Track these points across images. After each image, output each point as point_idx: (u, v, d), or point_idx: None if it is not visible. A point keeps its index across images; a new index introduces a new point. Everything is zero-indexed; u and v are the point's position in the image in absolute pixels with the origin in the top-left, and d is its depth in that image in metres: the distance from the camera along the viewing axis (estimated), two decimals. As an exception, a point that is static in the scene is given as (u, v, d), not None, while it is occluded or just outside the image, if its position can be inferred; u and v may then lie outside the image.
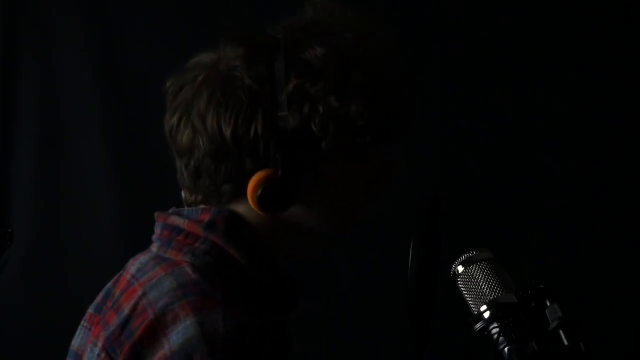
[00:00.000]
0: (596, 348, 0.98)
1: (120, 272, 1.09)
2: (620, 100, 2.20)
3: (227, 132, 0.99)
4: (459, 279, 1.06)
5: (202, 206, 1.05)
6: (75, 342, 1.12)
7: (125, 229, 2.20)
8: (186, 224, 1.04)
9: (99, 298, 1.11)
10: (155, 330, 0.93)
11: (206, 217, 1.03)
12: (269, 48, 1.01)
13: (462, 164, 2.18)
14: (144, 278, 1.01)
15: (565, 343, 0.97)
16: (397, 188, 1.08)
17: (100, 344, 1.00)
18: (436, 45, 2.21)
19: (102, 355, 0.99)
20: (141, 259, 1.06)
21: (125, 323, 0.98)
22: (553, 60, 2.20)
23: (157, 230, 1.08)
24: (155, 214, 1.10)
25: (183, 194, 1.10)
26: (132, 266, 1.06)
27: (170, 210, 1.09)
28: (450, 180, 2.16)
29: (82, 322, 1.14)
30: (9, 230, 1.73)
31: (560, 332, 0.98)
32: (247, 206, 1.01)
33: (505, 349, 0.99)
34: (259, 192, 0.98)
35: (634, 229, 2.18)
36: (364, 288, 2.16)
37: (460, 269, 1.06)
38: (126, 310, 0.99)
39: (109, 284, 1.10)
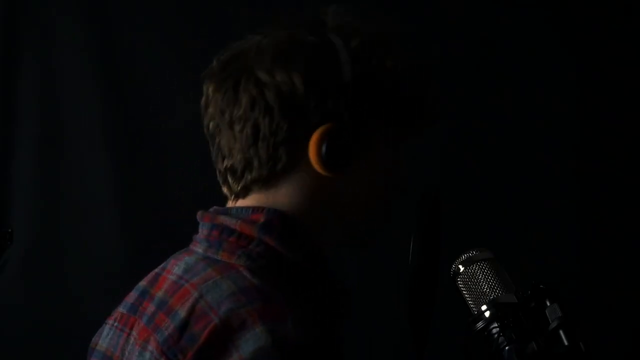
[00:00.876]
0: (596, 348, 0.98)
1: (157, 270, 1.06)
2: (620, 100, 2.20)
3: (298, 81, 0.97)
4: (459, 279, 1.06)
5: (253, 202, 1.02)
6: (104, 343, 1.08)
7: (125, 229, 2.20)
8: (238, 224, 1.00)
9: (131, 298, 1.07)
10: (222, 336, 0.90)
11: (260, 218, 1.00)
12: (320, 22, 1.04)
13: (462, 164, 2.18)
14: (196, 279, 0.98)
15: (565, 343, 0.97)
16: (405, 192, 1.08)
17: (153, 348, 0.96)
18: (436, 45, 2.21)
19: (161, 359, 0.95)
20: (186, 259, 1.02)
21: (183, 326, 0.94)
22: (553, 60, 2.20)
23: (204, 230, 1.04)
24: (199, 214, 1.06)
25: (224, 187, 1.06)
26: (176, 266, 1.03)
27: (212, 209, 1.05)
28: (450, 180, 2.16)
29: (109, 322, 1.10)
30: (9, 230, 1.73)
31: (560, 332, 0.98)
32: (302, 181, 1.00)
33: (505, 348, 0.99)
34: (323, 146, 0.97)
35: (634, 229, 2.18)
36: (364, 288, 2.16)
37: (460, 268, 1.06)
38: (182, 313, 0.95)
39: (143, 283, 1.07)
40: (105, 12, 2.24)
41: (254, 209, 1.01)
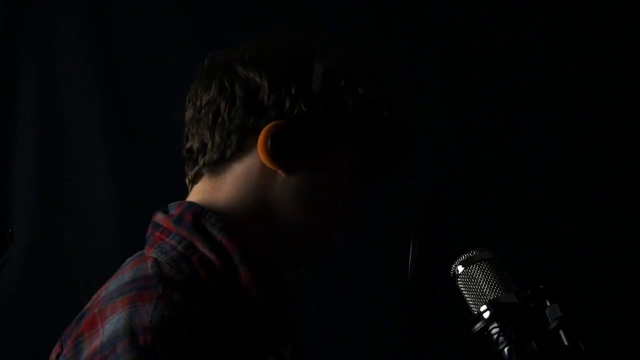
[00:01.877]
0: (596, 348, 0.98)
1: None
2: (620, 100, 2.20)
3: (265, 82, 1.04)
4: (459, 279, 1.06)
5: (201, 189, 1.07)
6: None
7: (125, 229, 2.20)
8: (163, 219, 1.06)
9: None
10: (95, 322, 0.95)
11: (177, 212, 1.05)
12: (307, 43, 1.09)
13: (462, 164, 2.18)
14: (117, 273, 1.03)
15: (565, 343, 0.97)
16: (363, 220, 1.10)
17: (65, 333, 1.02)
18: (436, 45, 2.21)
19: (57, 345, 1.02)
20: (133, 255, 1.07)
21: (81, 317, 1.00)
22: (553, 60, 2.20)
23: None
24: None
25: (186, 179, 1.12)
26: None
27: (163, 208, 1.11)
28: (450, 180, 2.16)
29: None
30: (9, 230, 1.73)
31: (560, 332, 0.98)
32: (247, 170, 1.04)
33: (505, 349, 0.99)
34: (272, 136, 1.02)
35: (635, 229, 2.18)
36: (364, 288, 2.16)
37: (460, 269, 1.06)
38: (88, 304, 1.01)
39: None
40: (106, 13, 2.24)
41: (179, 204, 1.07)
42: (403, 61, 2.20)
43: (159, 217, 1.08)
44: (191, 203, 1.06)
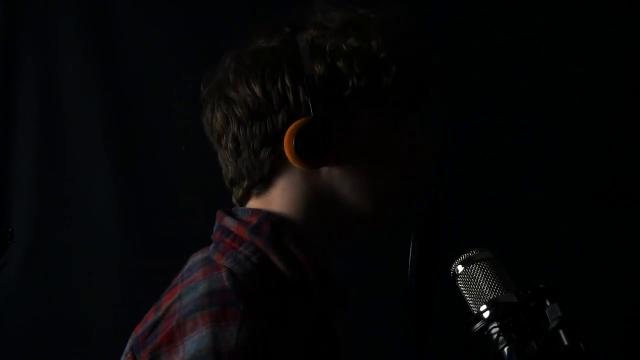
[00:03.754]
0: (596, 348, 0.98)
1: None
2: (620, 100, 2.20)
3: (257, 89, 1.01)
4: (458, 279, 1.06)
5: (253, 205, 1.05)
6: None
7: (125, 229, 2.20)
8: (235, 226, 1.03)
9: None
10: (174, 337, 0.93)
11: (254, 220, 1.02)
12: (287, 24, 1.07)
13: (462, 164, 2.18)
14: (187, 280, 1.00)
15: (565, 343, 0.97)
16: (429, 173, 1.09)
17: (130, 343, 0.99)
18: (436, 45, 2.20)
19: (129, 355, 0.98)
20: (197, 257, 1.05)
21: (154, 325, 0.97)
22: (553, 60, 2.20)
23: (215, 230, 1.07)
24: (217, 213, 1.09)
25: (233, 195, 1.10)
26: (186, 264, 1.05)
27: (223, 210, 1.09)
28: (450, 180, 2.15)
29: None
30: (10, 229, 1.73)
31: (560, 331, 0.98)
32: (290, 181, 1.02)
33: (505, 348, 0.99)
34: (294, 141, 0.99)
35: (635, 229, 2.17)
36: (364, 288, 2.15)
37: (460, 268, 1.06)
38: (161, 311, 0.98)
39: None
40: (106, 13, 2.24)
41: (254, 211, 1.04)
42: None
43: (229, 222, 1.04)
44: (269, 213, 1.03)
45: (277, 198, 1.03)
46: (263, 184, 1.04)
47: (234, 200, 1.09)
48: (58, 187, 2.24)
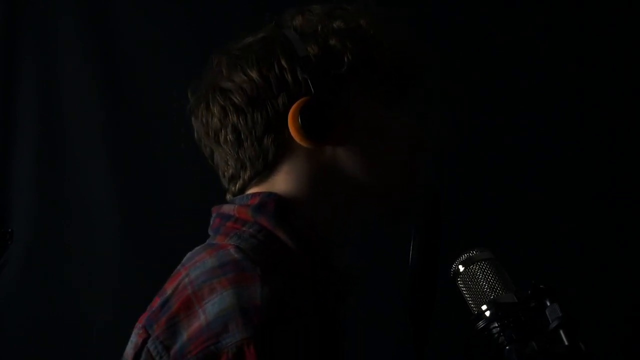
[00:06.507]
0: (596, 348, 0.98)
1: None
2: (620, 100, 2.20)
3: (254, 75, 1.02)
4: (459, 279, 1.06)
5: (252, 191, 1.05)
6: (127, 348, 1.07)
7: (125, 229, 2.20)
8: (236, 210, 1.03)
9: None
10: (192, 303, 0.91)
11: (255, 201, 1.02)
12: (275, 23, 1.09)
13: (462, 164, 2.18)
14: (190, 262, 0.99)
15: (565, 343, 0.97)
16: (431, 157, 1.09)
17: (139, 324, 0.99)
18: (436, 45, 2.20)
19: (140, 332, 0.97)
20: (194, 250, 1.05)
21: (165, 302, 0.96)
22: (553, 60, 2.20)
23: (212, 220, 1.07)
24: (213, 208, 1.09)
25: (227, 193, 1.10)
26: (185, 258, 1.05)
27: (221, 203, 1.09)
28: (450, 180, 2.16)
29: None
30: (9, 230, 1.73)
31: (561, 331, 0.98)
32: (293, 164, 1.02)
33: (506, 348, 0.99)
34: (299, 120, 0.99)
35: (635, 229, 2.17)
36: (364, 287, 2.15)
37: (460, 268, 1.06)
38: (169, 292, 0.97)
39: None
40: (106, 13, 2.24)
41: (253, 195, 1.04)
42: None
43: (227, 208, 1.05)
44: (271, 192, 1.03)
45: (280, 181, 1.03)
46: (266, 171, 1.04)
47: (229, 197, 1.09)
48: (58, 187, 2.24)
